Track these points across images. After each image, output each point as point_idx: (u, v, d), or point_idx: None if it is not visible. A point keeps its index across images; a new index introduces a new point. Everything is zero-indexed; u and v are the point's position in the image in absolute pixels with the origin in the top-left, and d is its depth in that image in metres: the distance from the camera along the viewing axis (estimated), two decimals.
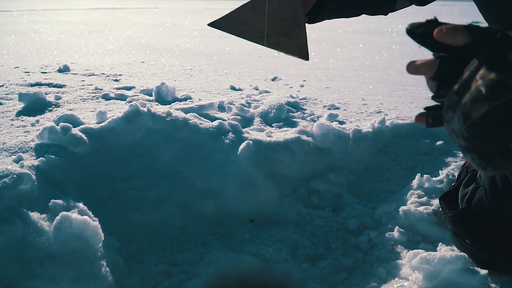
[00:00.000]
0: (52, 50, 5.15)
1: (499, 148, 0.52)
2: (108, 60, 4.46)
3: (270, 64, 4.47)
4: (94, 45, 5.84)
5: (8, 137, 1.88)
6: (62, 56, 4.67)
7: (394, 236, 1.51)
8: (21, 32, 7.38)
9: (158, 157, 1.85)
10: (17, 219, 1.25)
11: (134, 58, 4.73)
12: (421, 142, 2.18)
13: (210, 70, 4.05)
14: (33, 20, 10.59)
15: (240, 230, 1.66)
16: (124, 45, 5.90)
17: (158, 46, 5.95)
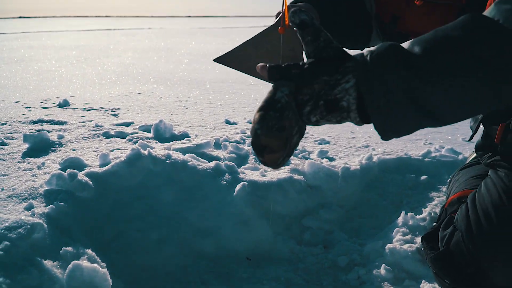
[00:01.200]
0: (50, 81, 5.29)
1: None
2: (106, 92, 4.60)
3: (262, 93, 4.63)
4: (91, 74, 5.98)
5: (16, 181, 1.99)
6: (60, 88, 4.80)
7: (381, 273, 1.62)
8: (18, 60, 7.52)
9: (159, 199, 1.96)
10: (32, 268, 1.35)
11: (130, 88, 4.87)
12: (407, 177, 2.32)
13: (205, 101, 4.19)
14: (28, 45, 10.74)
15: (237, 268, 1.77)
16: (120, 74, 6.04)
17: (154, 74, 6.10)
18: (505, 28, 0.82)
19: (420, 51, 0.82)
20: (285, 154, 0.88)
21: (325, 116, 0.85)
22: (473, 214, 1.37)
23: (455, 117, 0.86)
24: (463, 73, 0.81)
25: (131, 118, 3.37)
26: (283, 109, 0.84)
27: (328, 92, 0.84)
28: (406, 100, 0.82)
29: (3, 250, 1.35)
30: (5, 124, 3.11)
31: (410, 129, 0.86)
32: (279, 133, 0.84)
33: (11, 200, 1.78)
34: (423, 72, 0.81)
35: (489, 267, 1.30)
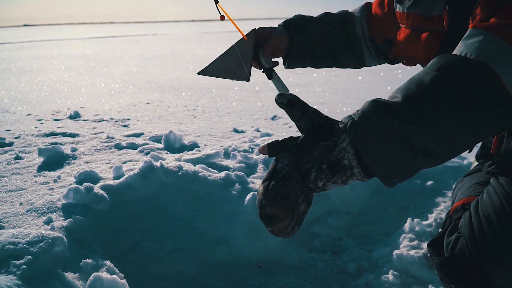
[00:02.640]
0: (60, 93, 5.39)
1: None
2: (115, 103, 4.68)
3: (268, 100, 4.69)
4: (99, 84, 6.08)
5: (34, 195, 2.06)
6: (70, 99, 4.89)
7: (389, 279, 1.68)
8: (26, 71, 7.64)
9: (171, 209, 2.02)
10: (55, 280, 1.42)
11: (139, 98, 4.95)
12: (413, 182, 2.37)
13: (212, 109, 4.26)
14: (34, 54, 10.88)
15: (249, 276, 1.83)
16: (127, 83, 6.14)
17: (161, 82, 6.19)
18: (471, 60, 0.89)
19: (401, 98, 0.90)
20: (294, 222, 0.93)
21: (331, 178, 0.91)
22: (476, 221, 1.42)
23: (451, 152, 0.92)
24: (443, 110, 0.87)
25: (141, 128, 3.45)
26: (285, 178, 0.90)
27: (328, 155, 0.90)
28: (397, 146, 0.88)
29: (26, 264, 1.42)
30: (18, 137, 3.20)
31: (410, 172, 0.92)
32: (283, 201, 0.90)
33: (30, 214, 1.85)
34: (406, 117, 0.88)
35: (492, 272, 1.35)
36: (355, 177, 0.92)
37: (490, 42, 0.91)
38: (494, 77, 0.88)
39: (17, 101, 4.80)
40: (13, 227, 1.72)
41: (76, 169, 2.41)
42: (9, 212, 1.85)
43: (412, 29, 1.42)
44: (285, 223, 0.90)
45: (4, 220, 1.78)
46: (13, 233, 1.55)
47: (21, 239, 1.52)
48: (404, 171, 0.90)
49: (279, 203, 0.89)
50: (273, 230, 0.91)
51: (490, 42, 0.91)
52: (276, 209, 0.89)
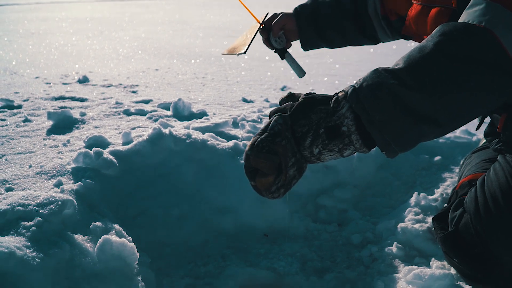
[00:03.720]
0: (68, 56, 5.36)
1: None
2: (124, 68, 4.66)
3: (278, 70, 4.65)
4: (108, 49, 6.04)
5: (43, 158, 2.08)
6: (79, 64, 4.87)
7: (393, 251, 1.70)
8: (34, 33, 7.60)
9: (180, 177, 2.04)
10: (64, 242, 1.45)
11: (148, 64, 4.92)
12: (421, 157, 2.37)
13: (221, 78, 4.24)
14: (42, 17, 10.78)
15: (255, 244, 1.86)
16: (136, 49, 6.09)
17: (170, 49, 6.13)
18: (473, 25, 0.90)
19: (403, 65, 0.89)
20: (279, 183, 0.92)
21: (327, 144, 0.90)
22: (481, 197, 1.43)
23: (452, 120, 0.91)
24: (445, 74, 0.87)
25: (150, 95, 3.44)
26: (275, 135, 0.89)
27: (327, 120, 0.89)
28: (398, 111, 0.87)
29: (36, 226, 1.44)
30: (27, 100, 3.21)
31: (411, 140, 0.91)
32: (268, 156, 0.88)
33: (40, 177, 1.87)
34: (408, 82, 0.87)
35: (495, 247, 1.37)
36: (353, 146, 0.91)
37: (490, 9, 0.91)
38: (496, 42, 0.88)
39: (25, 63, 4.79)
40: (22, 189, 1.74)
41: (85, 133, 2.43)
42: (19, 174, 1.87)
43: (423, 5, 1.41)
44: (268, 180, 0.90)
45: (14, 182, 1.80)
46: (23, 195, 1.57)
47: (31, 201, 1.54)
48: (404, 138, 0.89)
49: (263, 156, 0.88)
50: (256, 185, 0.91)
51: (491, 9, 0.91)
52: (260, 161, 0.88)
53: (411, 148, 0.94)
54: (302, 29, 1.80)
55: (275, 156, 0.88)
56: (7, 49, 5.78)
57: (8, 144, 2.27)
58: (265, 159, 0.88)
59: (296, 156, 0.92)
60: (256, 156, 0.89)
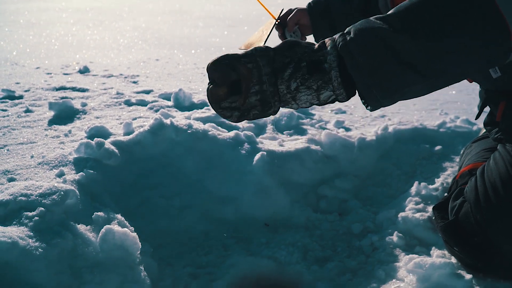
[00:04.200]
0: (68, 47, 5.35)
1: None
2: (124, 58, 4.65)
3: None
4: (108, 39, 6.02)
5: (45, 149, 2.09)
6: (80, 54, 4.86)
7: (393, 240, 1.71)
8: (34, 24, 7.56)
9: (181, 167, 2.05)
10: (67, 232, 1.45)
11: (148, 54, 4.91)
12: (421, 147, 2.37)
13: None
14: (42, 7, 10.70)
15: (256, 234, 1.87)
16: (136, 39, 6.07)
17: (170, 39, 6.11)
18: None
19: (393, 10, 0.88)
20: (234, 104, 0.91)
21: (307, 80, 0.88)
22: (481, 186, 1.44)
23: (436, 73, 0.89)
24: (432, 21, 0.85)
25: (151, 85, 3.44)
26: (244, 56, 0.89)
27: (310, 54, 0.88)
28: (384, 54, 0.85)
29: (38, 216, 1.44)
30: (28, 91, 3.20)
31: (394, 86, 0.88)
32: (225, 68, 0.88)
33: (42, 167, 1.87)
34: (395, 24, 0.86)
35: (495, 237, 1.38)
36: (331, 85, 0.89)
37: None
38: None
39: (25, 54, 4.78)
40: (25, 179, 1.75)
41: (86, 124, 2.43)
42: (21, 164, 1.88)
43: None
44: (218, 91, 0.90)
45: (16, 172, 1.81)
46: (25, 185, 1.58)
47: (33, 191, 1.55)
48: (387, 84, 0.87)
49: (219, 66, 0.89)
50: (207, 94, 0.92)
51: None
52: (213, 69, 0.89)
53: (392, 101, 0.91)
54: (315, 24, 1.86)
55: (233, 72, 0.89)
56: (7, 39, 5.76)
57: (10, 135, 2.28)
58: (219, 70, 0.89)
59: (263, 86, 0.90)
60: (212, 64, 0.90)
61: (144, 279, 1.47)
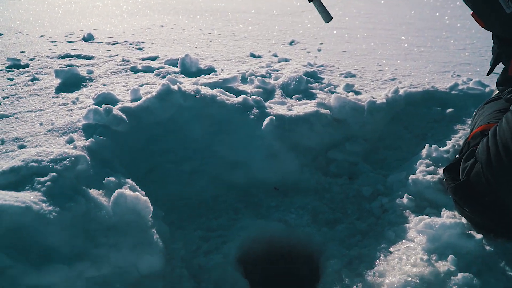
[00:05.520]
0: (71, 14, 5.28)
1: None
2: (128, 25, 4.59)
3: (286, 24, 4.55)
4: (111, 6, 5.93)
5: (54, 116, 2.08)
6: (83, 22, 4.80)
7: (404, 202, 1.70)
8: None
9: (190, 133, 2.04)
10: (80, 196, 1.46)
11: (152, 21, 4.84)
12: (433, 110, 2.34)
13: (228, 33, 4.16)
14: None
15: (266, 198, 1.87)
16: (140, 5, 5.97)
17: (174, 4, 6.01)
18: None
19: None
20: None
21: None
22: (493, 146, 1.42)
23: None
24: None
25: (156, 52, 3.40)
26: None
27: None
28: None
29: (51, 181, 1.45)
30: (33, 59, 3.18)
31: None
32: None
33: (51, 134, 1.88)
34: None
35: (506, 197, 1.37)
36: None
37: None
38: None
39: (29, 22, 4.72)
40: (35, 146, 1.75)
41: (93, 91, 2.42)
42: (30, 132, 1.88)
43: None
44: None
45: (26, 140, 1.81)
46: (36, 152, 1.58)
47: (44, 157, 1.55)
48: None
49: None
50: None
51: None
52: None
53: None
54: None
55: None
56: (10, 8, 5.69)
57: (18, 103, 2.27)
58: None
59: None
60: None
61: (157, 242, 1.48)
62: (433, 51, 3.43)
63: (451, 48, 3.58)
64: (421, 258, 1.32)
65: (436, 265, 1.30)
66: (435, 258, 1.33)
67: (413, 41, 3.82)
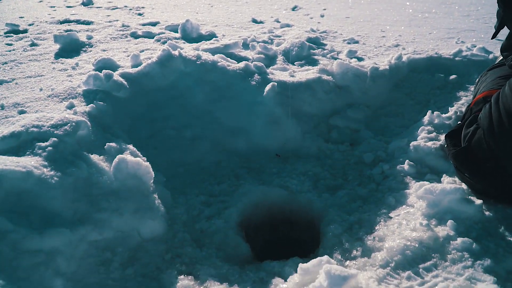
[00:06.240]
0: None
1: None
2: None
3: None
4: None
5: (54, 81, 2.07)
6: None
7: (405, 168, 1.70)
8: None
9: (191, 99, 2.03)
10: (81, 161, 1.47)
11: None
12: (436, 76, 2.31)
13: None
14: None
15: (267, 164, 1.88)
16: None
17: None
18: None
19: None
20: None
21: None
22: (495, 112, 1.41)
23: None
24: None
25: (157, 17, 3.34)
26: None
27: None
28: None
29: (52, 146, 1.45)
30: (32, 24, 3.14)
31: None
32: None
33: (52, 99, 1.87)
34: None
35: (507, 162, 1.37)
36: None
37: None
38: None
39: None
40: (35, 112, 1.75)
41: (93, 56, 2.39)
42: (30, 97, 1.87)
43: None
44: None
45: (26, 105, 1.80)
46: (36, 117, 1.57)
47: (45, 122, 1.55)
48: None
49: None
50: None
51: None
52: None
53: None
54: None
55: None
56: None
57: (17, 68, 2.26)
58: None
59: None
60: None
61: (159, 207, 1.50)
62: (438, 17, 3.36)
63: (456, 15, 3.51)
64: (420, 223, 1.32)
65: (435, 230, 1.30)
66: (435, 223, 1.34)
67: (418, 7, 3.75)
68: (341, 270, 1.09)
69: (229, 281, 1.33)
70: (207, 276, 1.33)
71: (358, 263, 1.31)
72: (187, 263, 1.39)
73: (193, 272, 1.35)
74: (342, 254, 1.39)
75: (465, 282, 1.15)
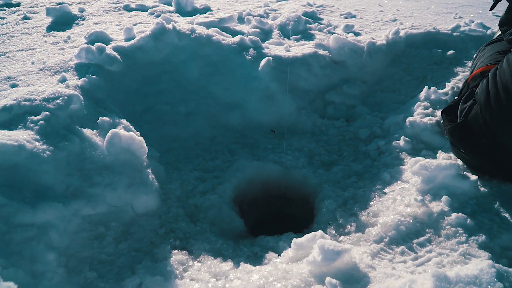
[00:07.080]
0: None
1: None
2: None
3: None
4: None
5: (45, 55, 2.03)
6: None
7: (400, 144, 1.69)
8: None
9: (185, 73, 2.00)
10: (73, 135, 1.45)
11: None
12: (433, 52, 2.29)
13: None
14: None
15: (262, 139, 1.87)
16: None
17: None
18: None
19: None
20: None
21: None
22: (493, 87, 1.39)
23: None
24: None
25: None
26: None
27: None
28: None
29: (44, 120, 1.43)
30: None
31: None
32: None
33: (43, 73, 1.84)
34: None
35: (503, 137, 1.36)
36: None
37: None
38: None
39: None
40: (27, 85, 1.72)
41: (85, 29, 2.35)
42: (22, 70, 1.84)
43: None
44: None
45: (18, 79, 1.77)
46: (28, 90, 1.55)
47: (37, 96, 1.52)
48: None
49: None
50: None
51: None
52: None
53: None
54: None
55: None
56: None
57: (9, 42, 2.21)
58: None
59: None
60: None
61: (152, 182, 1.49)
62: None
63: None
64: (415, 199, 1.32)
65: (429, 205, 1.31)
66: (429, 198, 1.34)
67: None
68: (334, 245, 1.09)
69: (223, 256, 1.33)
70: (201, 250, 1.33)
71: (352, 238, 1.32)
72: (181, 238, 1.39)
73: (187, 246, 1.36)
74: (336, 229, 1.39)
75: (459, 258, 1.15)
